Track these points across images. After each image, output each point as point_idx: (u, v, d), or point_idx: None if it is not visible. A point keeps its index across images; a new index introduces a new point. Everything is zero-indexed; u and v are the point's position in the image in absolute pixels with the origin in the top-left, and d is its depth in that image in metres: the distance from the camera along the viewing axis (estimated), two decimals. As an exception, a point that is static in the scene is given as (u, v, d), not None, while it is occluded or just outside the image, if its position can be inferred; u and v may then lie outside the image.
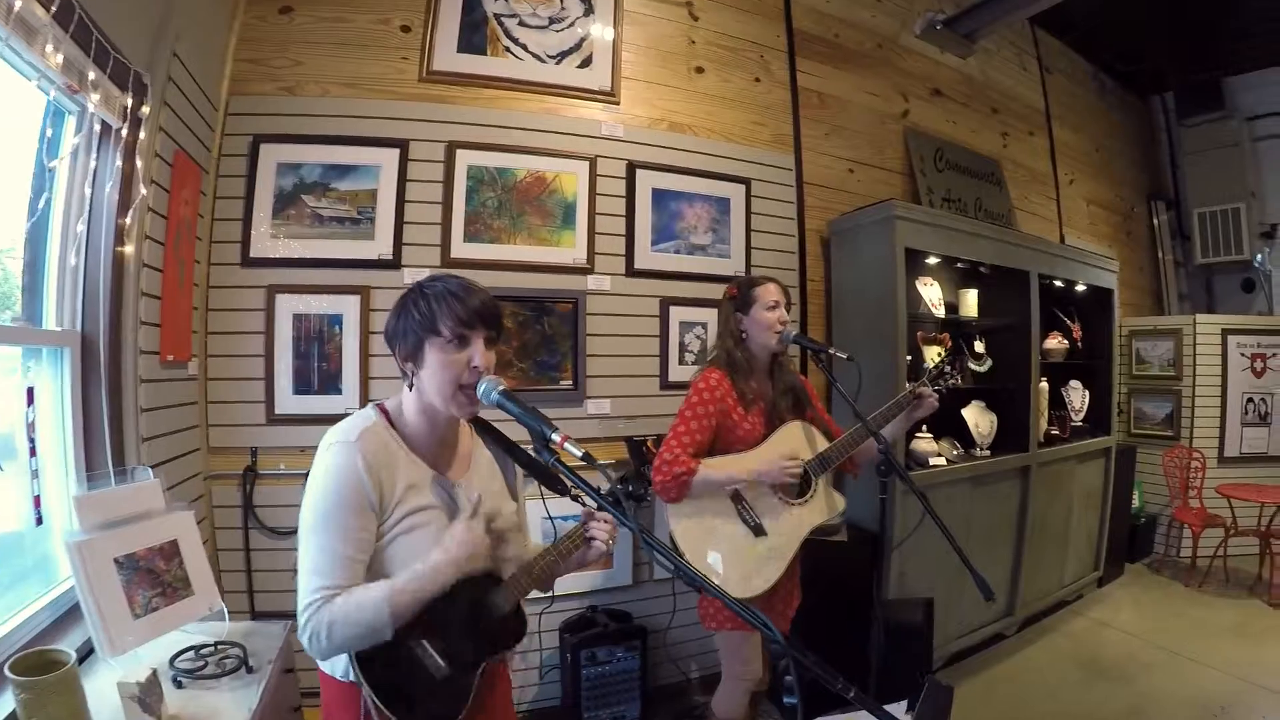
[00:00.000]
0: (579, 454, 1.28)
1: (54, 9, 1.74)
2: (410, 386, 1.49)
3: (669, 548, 1.27)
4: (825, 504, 2.53)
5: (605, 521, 1.60)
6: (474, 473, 1.61)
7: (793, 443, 2.52)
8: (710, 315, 3.71)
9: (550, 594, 2.99)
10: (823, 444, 2.55)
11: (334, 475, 1.38)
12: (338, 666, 1.47)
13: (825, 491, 2.54)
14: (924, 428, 3.93)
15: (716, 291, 2.74)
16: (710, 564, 2.38)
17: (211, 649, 1.91)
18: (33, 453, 1.94)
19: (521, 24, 3.52)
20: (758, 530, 2.41)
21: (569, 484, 1.40)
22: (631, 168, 3.65)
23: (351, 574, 1.36)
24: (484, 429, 1.71)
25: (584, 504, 1.56)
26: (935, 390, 2.60)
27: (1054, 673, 3.98)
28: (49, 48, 1.79)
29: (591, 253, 3.54)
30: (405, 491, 1.44)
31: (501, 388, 1.40)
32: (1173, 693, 3.69)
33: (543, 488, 1.68)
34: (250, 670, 1.85)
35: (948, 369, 2.65)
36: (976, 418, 4.30)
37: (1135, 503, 5.83)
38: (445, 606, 1.42)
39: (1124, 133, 6.98)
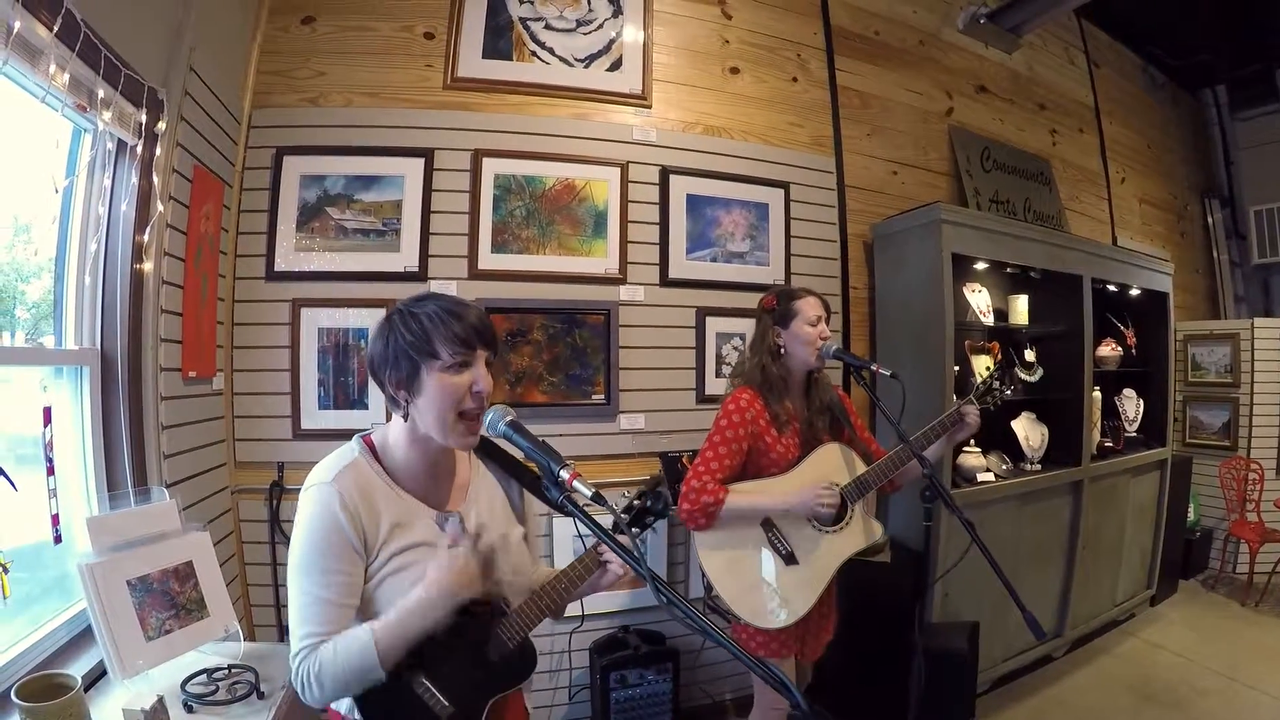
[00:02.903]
0: (589, 493, 1.20)
1: (56, 28, 1.68)
2: (405, 416, 1.38)
3: (678, 595, 1.16)
4: (862, 531, 2.39)
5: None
6: (472, 502, 1.51)
7: (829, 466, 2.38)
8: (748, 326, 3.53)
9: (581, 614, 2.95)
10: (860, 467, 2.41)
11: (312, 520, 1.31)
12: (343, 703, 1.38)
13: (862, 518, 2.40)
14: (971, 441, 3.71)
15: (755, 301, 2.63)
16: (738, 593, 2.28)
17: (224, 673, 1.85)
18: (50, 471, 1.90)
19: (548, 27, 3.40)
20: (789, 559, 2.29)
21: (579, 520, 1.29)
22: (665, 173, 3.50)
23: (337, 620, 1.30)
24: (486, 450, 1.61)
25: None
26: (983, 407, 2.45)
27: (1104, 698, 3.78)
28: (53, 68, 1.73)
29: (624, 262, 3.40)
30: (391, 531, 1.36)
31: (509, 418, 1.32)
32: (1227, 722, 3.51)
33: (553, 511, 1.59)
34: (261, 696, 1.79)
35: (996, 385, 2.49)
36: (1026, 430, 4.09)
37: (1190, 516, 5.54)
38: (447, 642, 1.34)
39: (1175, 128, 6.65)
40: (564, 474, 1.22)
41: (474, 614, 1.38)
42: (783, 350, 2.39)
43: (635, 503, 1.67)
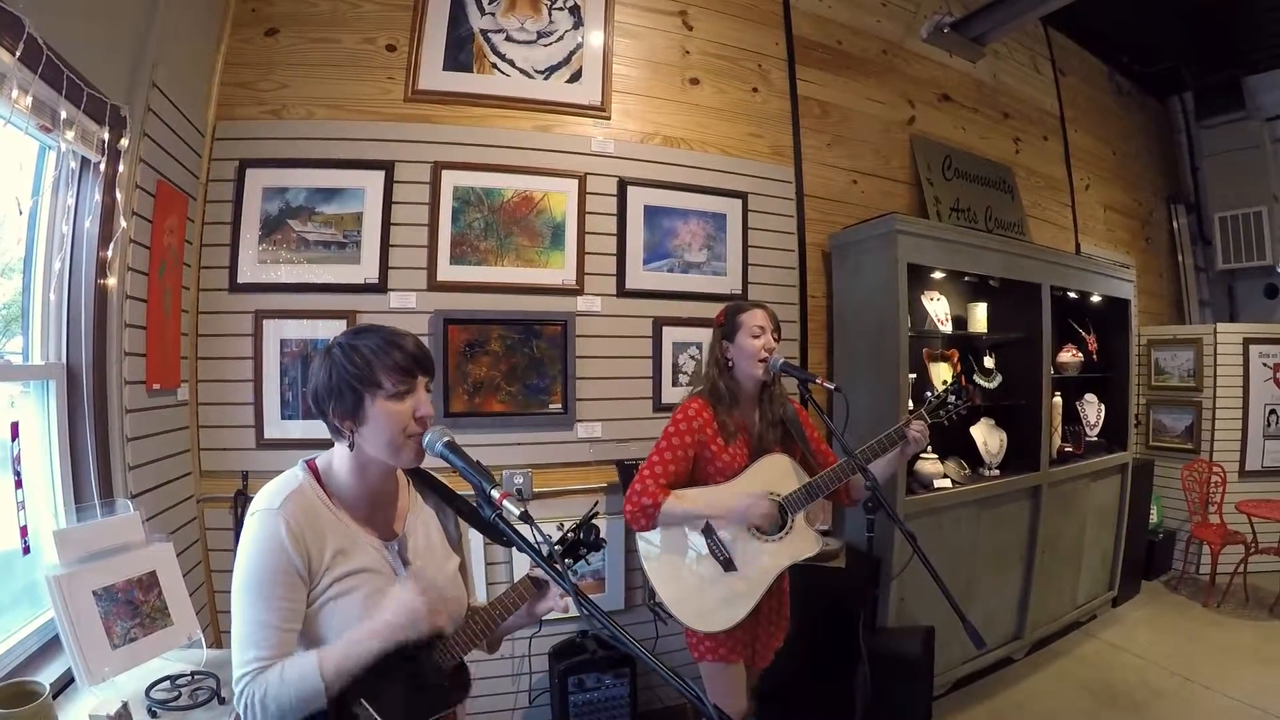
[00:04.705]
0: (517, 512, 1.33)
1: (19, 52, 1.77)
2: (351, 446, 1.46)
3: (604, 611, 1.30)
4: (801, 542, 2.51)
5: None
6: (410, 530, 1.61)
7: (772, 475, 2.50)
8: (706, 335, 3.62)
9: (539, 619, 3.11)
10: (805, 479, 2.51)
11: (258, 546, 1.38)
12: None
13: (802, 529, 2.52)
14: (929, 447, 3.86)
15: (711, 310, 2.77)
16: (678, 597, 2.42)
17: (187, 679, 1.97)
18: (19, 484, 2.01)
19: (509, 39, 3.55)
20: (727, 565, 2.42)
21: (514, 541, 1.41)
22: (622, 185, 3.66)
23: (282, 644, 1.37)
24: (423, 480, 1.72)
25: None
26: (935, 422, 2.55)
27: (1062, 700, 3.96)
28: (15, 92, 1.82)
29: (581, 273, 3.56)
30: (334, 557, 1.44)
31: (446, 439, 1.43)
32: (1184, 723, 3.70)
33: (486, 538, 1.71)
34: (222, 701, 1.90)
35: (950, 400, 2.56)
36: (985, 436, 4.28)
37: (1153, 518, 5.80)
38: (385, 665, 1.41)
39: (1142, 135, 6.91)
40: (495, 493, 1.34)
41: (410, 641, 1.47)
42: (730, 363, 2.53)
43: (569, 535, 1.83)
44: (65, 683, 1.92)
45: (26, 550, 2.02)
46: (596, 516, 1.89)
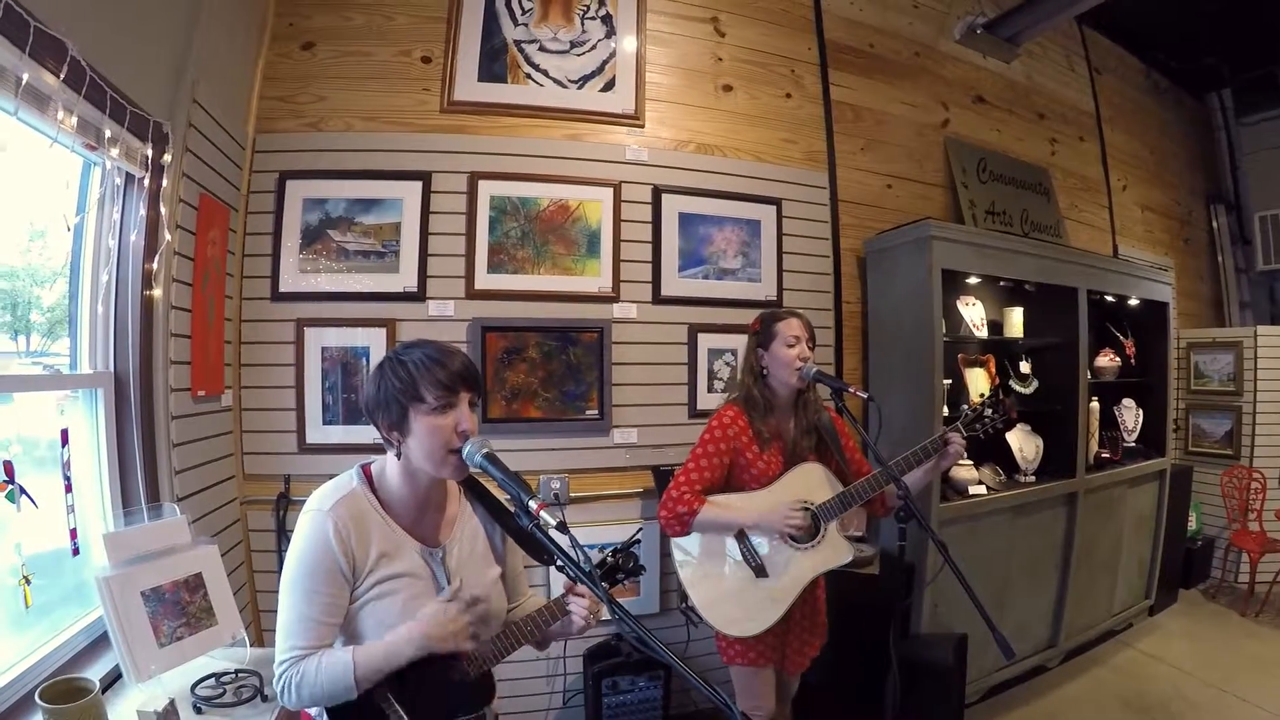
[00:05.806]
0: (554, 522, 1.36)
1: (63, 74, 1.79)
2: (399, 455, 1.53)
3: (641, 622, 1.31)
4: (833, 550, 2.50)
5: (585, 596, 1.64)
6: (455, 539, 1.66)
7: (806, 484, 2.49)
8: (740, 342, 3.60)
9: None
10: (840, 488, 2.50)
11: (306, 544, 1.47)
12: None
13: (835, 538, 2.51)
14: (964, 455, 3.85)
15: (746, 317, 2.76)
16: (709, 601, 2.43)
17: (231, 677, 2.01)
18: (68, 489, 2.07)
19: (542, 49, 3.56)
20: (759, 571, 2.42)
21: (552, 553, 1.44)
22: (657, 192, 3.65)
23: (320, 637, 1.46)
24: (475, 491, 1.76)
25: (567, 573, 1.51)
26: (971, 435, 2.53)
27: (1096, 710, 3.88)
28: (61, 113, 1.84)
29: (617, 280, 3.56)
30: (378, 560, 1.51)
31: (485, 451, 1.47)
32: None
33: (528, 556, 1.73)
34: (265, 699, 1.94)
35: (988, 414, 2.53)
36: (1021, 442, 4.19)
37: (1192, 525, 5.64)
38: (415, 666, 1.47)
39: (1180, 133, 6.74)
40: (533, 504, 1.38)
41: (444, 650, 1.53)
42: (765, 370, 2.52)
43: (609, 559, 1.86)
44: (112, 679, 1.97)
45: (76, 552, 2.07)
46: (638, 544, 1.90)
